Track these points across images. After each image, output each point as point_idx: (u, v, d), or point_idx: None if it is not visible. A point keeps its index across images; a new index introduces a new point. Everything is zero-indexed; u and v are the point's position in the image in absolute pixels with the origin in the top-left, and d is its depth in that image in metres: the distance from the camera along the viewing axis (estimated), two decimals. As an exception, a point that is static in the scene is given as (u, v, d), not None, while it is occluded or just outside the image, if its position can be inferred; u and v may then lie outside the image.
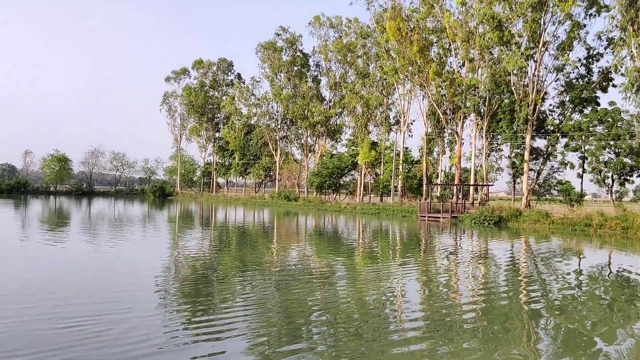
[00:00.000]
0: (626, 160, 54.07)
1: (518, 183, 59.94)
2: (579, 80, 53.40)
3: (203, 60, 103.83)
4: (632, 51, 40.18)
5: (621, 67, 43.13)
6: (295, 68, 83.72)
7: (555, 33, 49.30)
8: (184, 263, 18.58)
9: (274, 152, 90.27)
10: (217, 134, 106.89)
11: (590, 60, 52.34)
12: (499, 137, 60.89)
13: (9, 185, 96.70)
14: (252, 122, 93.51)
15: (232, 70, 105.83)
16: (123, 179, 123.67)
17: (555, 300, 13.66)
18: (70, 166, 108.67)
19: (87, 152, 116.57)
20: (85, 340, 8.84)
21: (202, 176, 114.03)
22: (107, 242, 24.45)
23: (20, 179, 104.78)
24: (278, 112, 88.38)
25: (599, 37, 50.86)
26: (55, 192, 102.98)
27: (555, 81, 53.50)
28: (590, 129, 54.44)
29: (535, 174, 57.22)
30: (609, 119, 54.23)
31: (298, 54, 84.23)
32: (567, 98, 54.09)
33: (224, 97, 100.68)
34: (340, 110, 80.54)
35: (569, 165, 57.64)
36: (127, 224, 35.79)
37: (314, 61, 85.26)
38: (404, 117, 68.00)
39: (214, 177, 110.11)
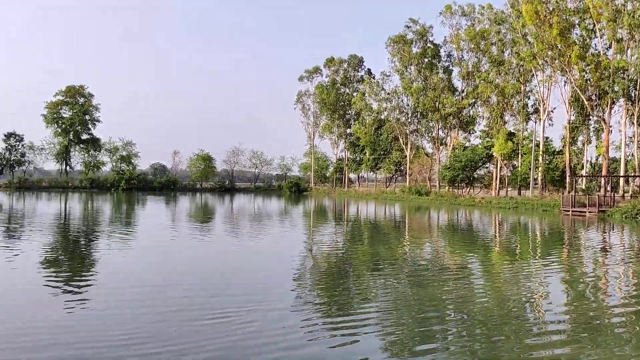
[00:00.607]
0: None
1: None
2: None
3: (334, 58, 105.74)
4: None
5: None
6: (426, 60, 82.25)
7: None
8: (319, 257, 19.09)
9: (404, 146, 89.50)
10: (348, 130, 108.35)
11: None
12: (654, 123, 55.16)
13: (160, 183, 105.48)
14: (382, 117, 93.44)
15: (363, 66, 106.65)
16: (261, 175, 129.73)
17: None
18: (214, 164, 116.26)
19: (228, 151, 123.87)
20: (231, 332, 9.29)
21: (334, 172, 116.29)
22: (248, 236, 25.83)
23: (170, 177, 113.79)
24: (408, 105, 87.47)
25: None
26: (200, 189, 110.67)
27: None
28: None
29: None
30: None
31: (428, 45, 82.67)
32: None
33: (354, 94, 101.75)
34: (473, 100, 77.77)
35: None
36: (265, 219, 37.54)
37: (445, 51, 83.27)
38: (544, 105, 63.94)
39: (346, 172, 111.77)
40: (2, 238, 23.32)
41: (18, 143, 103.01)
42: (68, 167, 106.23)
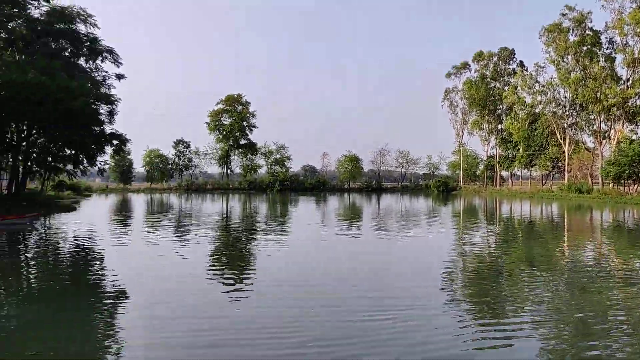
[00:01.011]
0: None
1: None
2: None
3: (483, 52, 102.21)
4: None
5: None
6: (585, 48, 76.15)
7: None
8: (469, 258, 18.72)
9: (561, 141, 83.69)
10: (499, 126, 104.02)
11: None
12: None
13: (311, 184, 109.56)
14: (537, 110, 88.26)
15: (514, 59, 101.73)
16: (408, 175, 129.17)
17: None
18: (361, 165, 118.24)
19: (375, 151, 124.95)
20: (381, 331, 9.51)
21: (485, 170, 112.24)
22: (396, 235, 26.03)
23: (320, 178, 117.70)
24: (565, 97, 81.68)
25: None
26: (348, 189, 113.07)
27: None
28: None
29: None
30: None
31: (587, 32, 76.44)
32: None
33: (505, 88, 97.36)
34: (640, 89, 70.58)
35: None
36: (413, 219, 37.46)
37: (606, 38, 76.44)
38: None
39: (497, 170, 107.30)
40: (173, 235, 25.99)
41: (186, 149, 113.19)
42: (229, 170, 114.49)
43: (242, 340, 9.00)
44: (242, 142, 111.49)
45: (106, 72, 47.73)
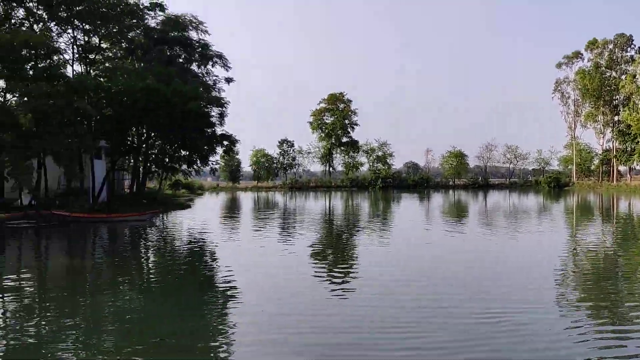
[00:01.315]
0: None
1: None
2: None
3: (597, 40, 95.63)
4: None
5: None
6: None
7: None
8: (584, 258, 17.68)
9: (692, 132, 76.38)
10: (616, 118, 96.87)
11: None
12: None
13: (413, 181, 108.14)
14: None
15: (632, 45, 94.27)
16: (516, 171, 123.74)
17: None
18: (466, 161, 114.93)
19: (481, 146, 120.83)
20: (497, 334, 9.21)
21: (600, 164, 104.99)
22: (505, 234, 25.10)
23: (423, 174, 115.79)
24: (696, 84, 74.42)
25: None
26: (453, 185, 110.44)
27: None
28: None
29: None
30: None
31: None
32: None
33: (622, 77, 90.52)
34: None
35: None
36: (523, 216, 35.92)
37: None
38: None
39: (614, 164, 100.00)
40: (280, 232, 26.84)
41: (289, 148, 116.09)
42: (331, 168, 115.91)
43: (353, 339, 9.02)
44: (344, 140, 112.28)
45: (216, 76, 50.23)
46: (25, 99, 26.29)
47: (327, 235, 25.96)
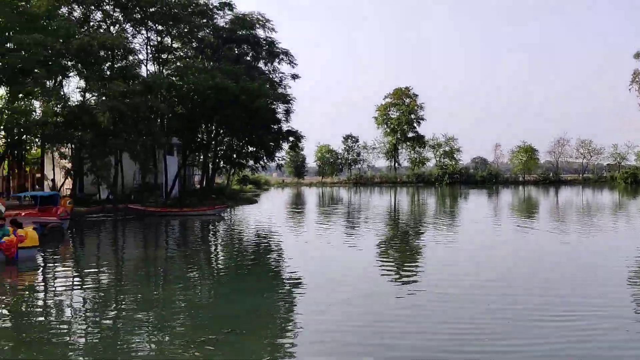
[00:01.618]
0: None
1: None
2: None
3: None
4: None
5: None
6: None
7: None
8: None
9: None
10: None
11: None
12: None
13: (482, 177, 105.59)
14: None
15: None
16: (590, 166, 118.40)
17: None
18: (537, 156, 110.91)
19: (552, 141, 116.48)
20: (575, 336, 8.83)
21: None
22: (578, 232, 24.12)
23: (491, 170, 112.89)
24: None
25: None
26: (523, 181, 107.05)
27: None
28: None
29: None
30: None
31: None
32: None
33: None
34: None
35: None
36: (597, 213, 34.38)
37: None
38: None
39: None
40: (345, 227, 26.98)
41: (354, 144, 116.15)
42: (396, 164, 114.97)
43: (420, 341, 8.79)
44: (410, 135, 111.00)
45: (283, 73, 50.86)
46: (103, 98, 27.62)
47: (393, 231, 25.85)
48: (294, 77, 50.01)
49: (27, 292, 12.92)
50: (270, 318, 10.41)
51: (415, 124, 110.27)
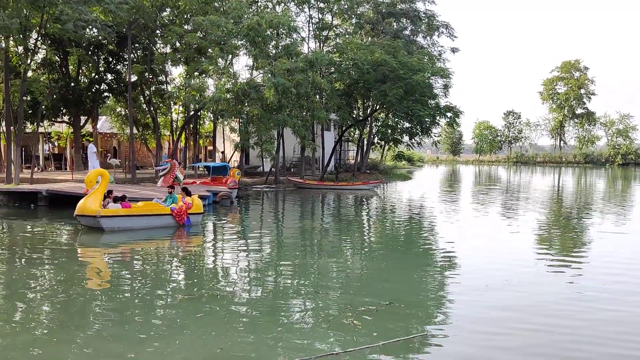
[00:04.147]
0: None
1: None
2: None
3: None
4: None
5: None
6: None
7: None
8: None
9: None
10: None
11: None
12: None
13: None
14: None
15: None
16: None
17: None
18: None
19: None
20: None
21: None
22: None
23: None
24: None
25: None
26: None
27: None
28: None
29: None
30: None
31: None
32: None
33: None
34: None
35: None
36: None
37: None
38: None
39: None
40: (501, 207, 25.87)
41: (516, 120, 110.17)
42: (562, 142, 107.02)
43: (592, 335, 8.13)
44: (579, 111, 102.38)
45: (442, 46, 49.66)
46: (269, 75, 29.15)
47: (555, 215, 24.25)
48: (454, 50, 48.62)
49: (198, 255, 14.36)
50: (427, 293, 10.58)
51: (584, 100, 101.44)
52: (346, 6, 40.73)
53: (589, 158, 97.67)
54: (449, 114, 39.16)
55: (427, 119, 37.43)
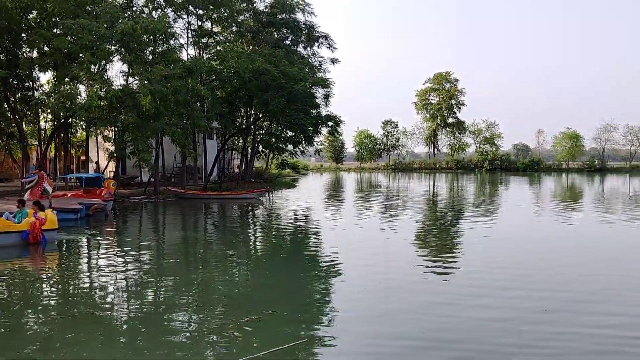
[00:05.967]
0: None
1: None
2: None
3: None
4: None
5: None
6: None
7: None
8: None
9: None
10: None
11: None
12: None
13: (523, 164, 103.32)
14: None
15: None
16: (638, 154, 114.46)
17: None
18: (582, 143, 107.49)
19: (598, 127, 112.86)
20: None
21: None
22: (624, 222, 23.31)
23: (534, 157, 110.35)
24: None
25: None
26: (566, 169, 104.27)
27: None
28: None
29: None
30: None
31: None
32: None
33: None
34: None
35: None
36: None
37: None
38: None
39: None
40: (382, 212, 26.80)
41: (393, 129, 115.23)
42: (435, 150, 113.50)
43: (469, 329, 8.62)
44: (450, 120, 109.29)
45: (322, 57, 50.58)
46: (146, 82, 27.99)
47: (431, 218, 25.53)
48: (334, 61, 49.71)
49: (65, 274, 13.27)
50: (310, 299, 10.54)
51: (455, 110, 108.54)
52: (226, 14, 40.29)
53: (460, 164, 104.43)
54: (330, 123, 39.99)
55: (309, 128, 37.93)
